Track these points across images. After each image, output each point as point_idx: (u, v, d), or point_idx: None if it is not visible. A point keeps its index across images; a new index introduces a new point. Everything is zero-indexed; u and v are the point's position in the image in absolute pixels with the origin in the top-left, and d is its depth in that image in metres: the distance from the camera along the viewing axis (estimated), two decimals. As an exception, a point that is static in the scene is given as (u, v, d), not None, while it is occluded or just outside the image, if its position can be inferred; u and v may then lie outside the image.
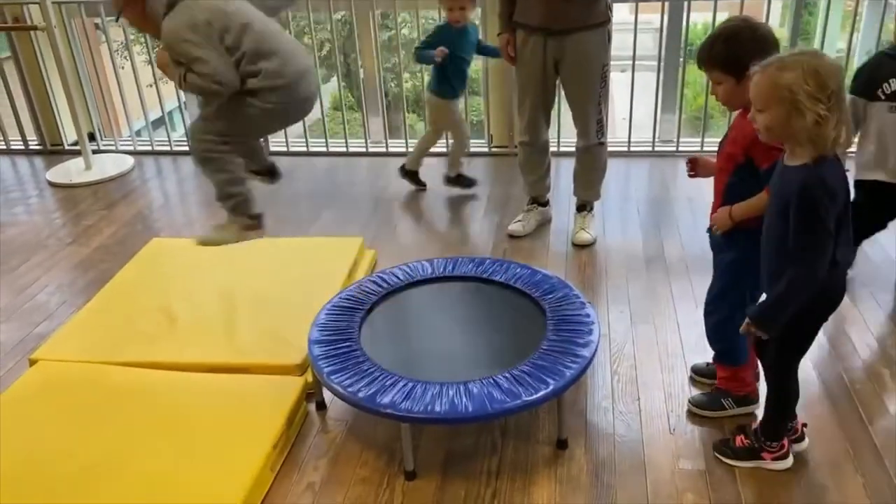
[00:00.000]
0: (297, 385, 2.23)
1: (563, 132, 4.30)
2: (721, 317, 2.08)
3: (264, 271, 2.88)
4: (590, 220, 3.27)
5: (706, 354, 2.39)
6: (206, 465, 1.95)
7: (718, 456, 1.99)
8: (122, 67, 4.56)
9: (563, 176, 3.85)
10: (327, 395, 2.24)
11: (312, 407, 2.27)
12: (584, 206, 3.29)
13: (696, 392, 2.23)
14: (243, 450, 1.99)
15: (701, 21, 7.24)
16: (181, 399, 2.20)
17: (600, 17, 2.89)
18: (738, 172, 1.88)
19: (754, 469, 1.95)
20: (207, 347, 2.43)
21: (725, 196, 1.93)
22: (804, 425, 2.00)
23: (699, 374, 2.30)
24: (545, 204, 3.40)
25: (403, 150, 4.20)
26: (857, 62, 6.36)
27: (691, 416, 2.15)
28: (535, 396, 1.94)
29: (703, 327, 2.52)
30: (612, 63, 3.05)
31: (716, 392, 2.17)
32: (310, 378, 2.27)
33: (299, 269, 2.86)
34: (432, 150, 3.77)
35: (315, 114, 5.35)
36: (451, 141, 3.80)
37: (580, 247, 3.16)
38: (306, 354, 2.24)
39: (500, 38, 3.07)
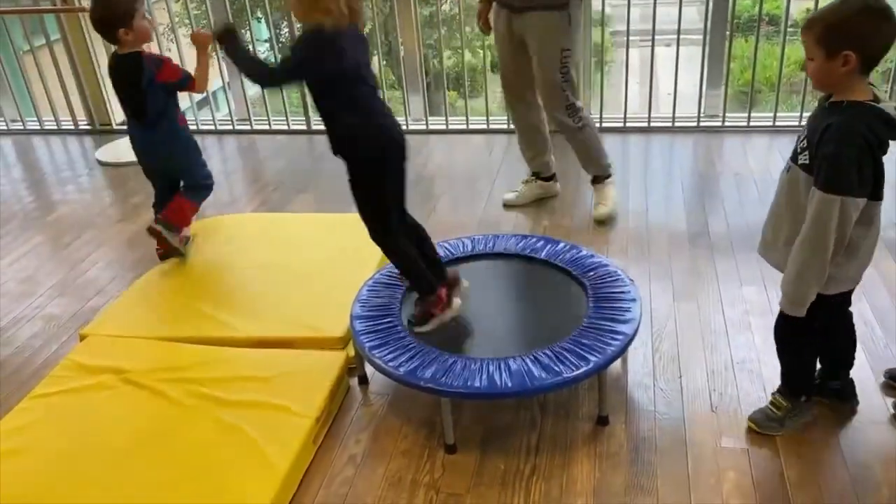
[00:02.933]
0: (339, 359, 2.26)
1: (606, 109, 4.25)
2: None
3: (309, 247, 2.92)
4: (604, 191, 3.20)
5: (750, 332, 2.36)
6: (250, 437, 1.99)
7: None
8: (169, 50, 4.63)
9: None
10: (369, 369, 2.27)
11: (354, 381, 2.30)
12: (595, 179, 3.24)
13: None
14: (287, 422, 2.03)
15: (750, -8, 7.03)
16: (226, 373, 2.24)
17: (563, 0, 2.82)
18: None
19: (798, 447, 1.92)
20: (252, 322, 2.48)
21: None
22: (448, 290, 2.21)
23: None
24: (549, 178, 3.36)
25: (443, 127, 4.19)
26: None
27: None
28: (575, 373, 1.94)
29: (747, 305, 2.50)
30: (657, 37, 2.99)
31: None
32: (351, 353, 2.30)
33: (342, 245, 2.88)
34: (473, 125, 3.73)
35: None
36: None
37: (601, 223, 3.12)
38: (347, 328, 2.27)
39: (478, 11, 3.10)
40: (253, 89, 6.12)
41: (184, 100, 4.69)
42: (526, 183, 3.36)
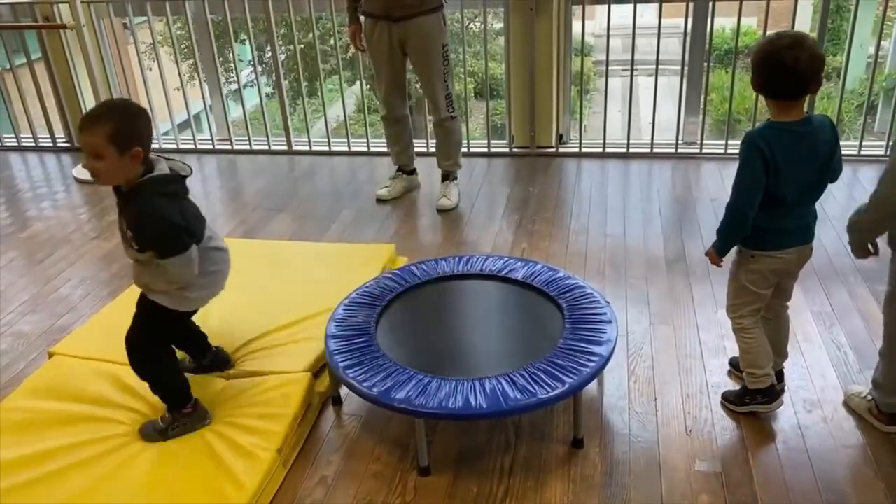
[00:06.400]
0: (305, 386, 2.18)
1: (587, 134, 4.29)
2: None
3: (293, 276, 2.86)
4: (452, 188, 3.66)
5: (725, 356, 2.36)
6: (208, 471, 1.94)
7: None
8: (150, 69, 4.63)
9: (584, 178, 3.85)
10: (342, 389, 2.25)
11: (328, 401, 2.27)
12: (446, 176, 3.69)
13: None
14: (248, 455, 1.96)
15: (729, 24, 7.16)
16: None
17: (434, 3, 3.30)
18: None
19: (772, 471, 1.92)
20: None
21: None
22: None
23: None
24: (411, 172, 3.81)
25: (424, 149, 4.19)
26: (888, 66, 6.28)
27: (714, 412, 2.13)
28: (550, 394, 1.93)
29: (722, 329, 2.50)
30: (639, 67, 3.07)
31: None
32: (321, 388, 2.26)
33: (328, 275, 2.82)
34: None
35: (339, 116, 5.40)
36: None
37: (444, 212, 3.55)
38: (315, 361, 2.26)
39: (349, 30, 3.48)
40: (236, 111, 6.12)
41: (164, 121, 4.70)
42: (393, 178, 3.77)
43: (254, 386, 2.23)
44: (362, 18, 3.41)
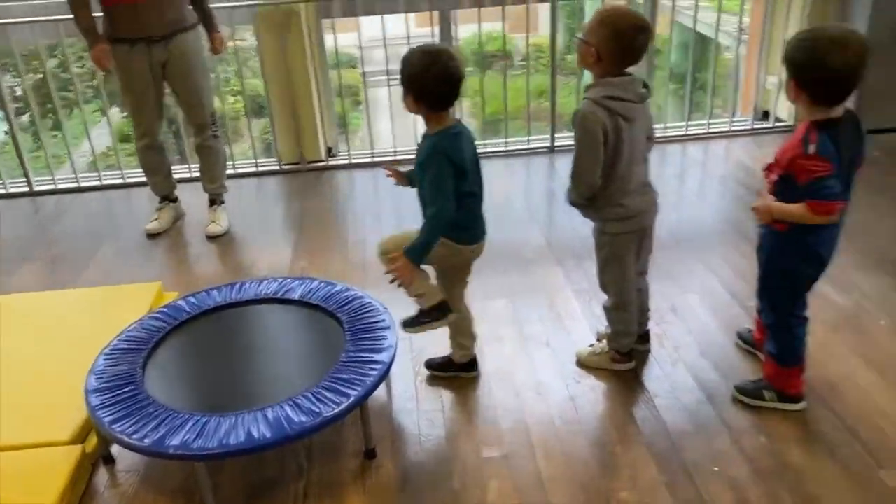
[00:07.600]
0: (73, 455, 1.97)
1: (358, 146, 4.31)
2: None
3: (45, 332, 2.57)
4: (220, 212, 3.53)
5: (501, 344, 2.48)
6: None
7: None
8: None
9: (357, 189, 3.86)
10: (114, 446, 2.06)
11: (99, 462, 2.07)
12: (213, 200, 3.55)
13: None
14: None
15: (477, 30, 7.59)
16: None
17: (193, 20, 3.25)
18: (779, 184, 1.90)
19: (552, 446, 2.04)
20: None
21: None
22: None
23: (743, 341, 2.42)
24: (174, 200, 3.62)
25: (188, 175, 3.98)
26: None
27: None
28: (335, 411, 1.90)
29: (496, 318, 2.62)
30: (396, 77, 3.15)
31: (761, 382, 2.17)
32: (89, 448, 2.06)
33: (86, 324, 2.57)
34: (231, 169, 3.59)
35: (89, 150, 4.96)
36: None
37: (215, 238, 3.40)
38: (83, 421, 2.05)
39: (95, 50, 3.14)
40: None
41: None
42: (160, 209, 3.55)
43: (13, 461, 1.97)
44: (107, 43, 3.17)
